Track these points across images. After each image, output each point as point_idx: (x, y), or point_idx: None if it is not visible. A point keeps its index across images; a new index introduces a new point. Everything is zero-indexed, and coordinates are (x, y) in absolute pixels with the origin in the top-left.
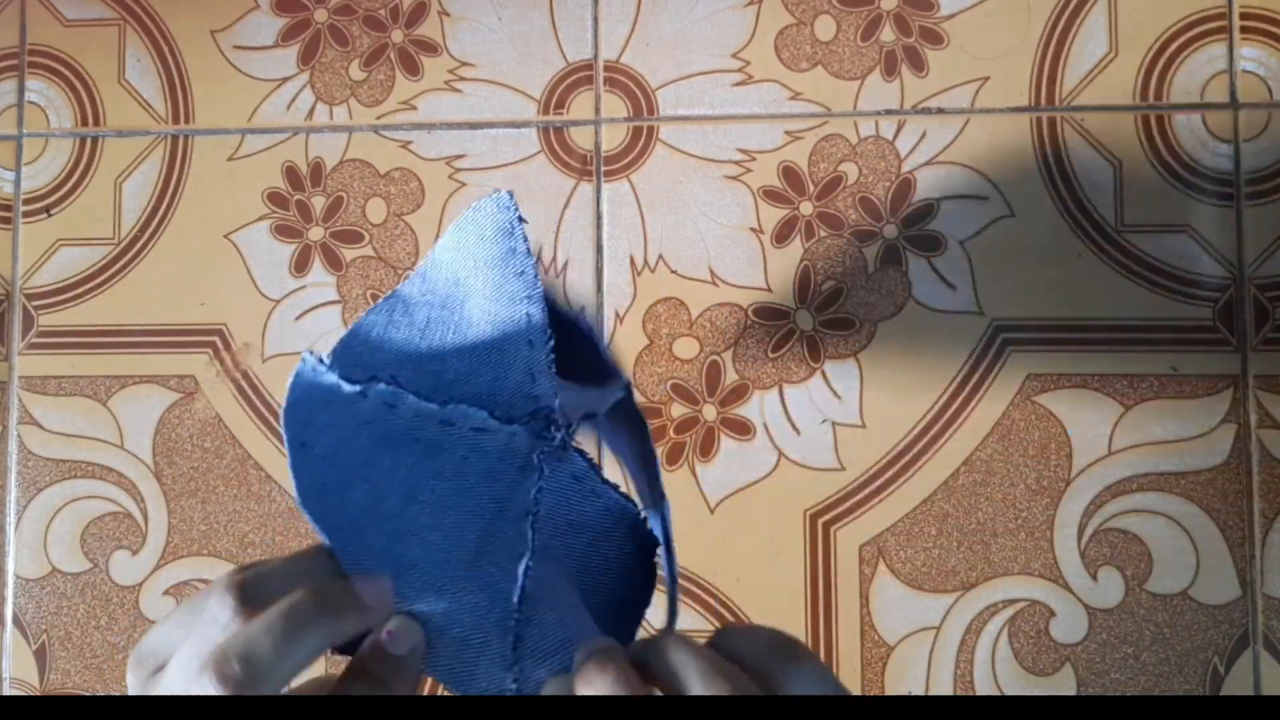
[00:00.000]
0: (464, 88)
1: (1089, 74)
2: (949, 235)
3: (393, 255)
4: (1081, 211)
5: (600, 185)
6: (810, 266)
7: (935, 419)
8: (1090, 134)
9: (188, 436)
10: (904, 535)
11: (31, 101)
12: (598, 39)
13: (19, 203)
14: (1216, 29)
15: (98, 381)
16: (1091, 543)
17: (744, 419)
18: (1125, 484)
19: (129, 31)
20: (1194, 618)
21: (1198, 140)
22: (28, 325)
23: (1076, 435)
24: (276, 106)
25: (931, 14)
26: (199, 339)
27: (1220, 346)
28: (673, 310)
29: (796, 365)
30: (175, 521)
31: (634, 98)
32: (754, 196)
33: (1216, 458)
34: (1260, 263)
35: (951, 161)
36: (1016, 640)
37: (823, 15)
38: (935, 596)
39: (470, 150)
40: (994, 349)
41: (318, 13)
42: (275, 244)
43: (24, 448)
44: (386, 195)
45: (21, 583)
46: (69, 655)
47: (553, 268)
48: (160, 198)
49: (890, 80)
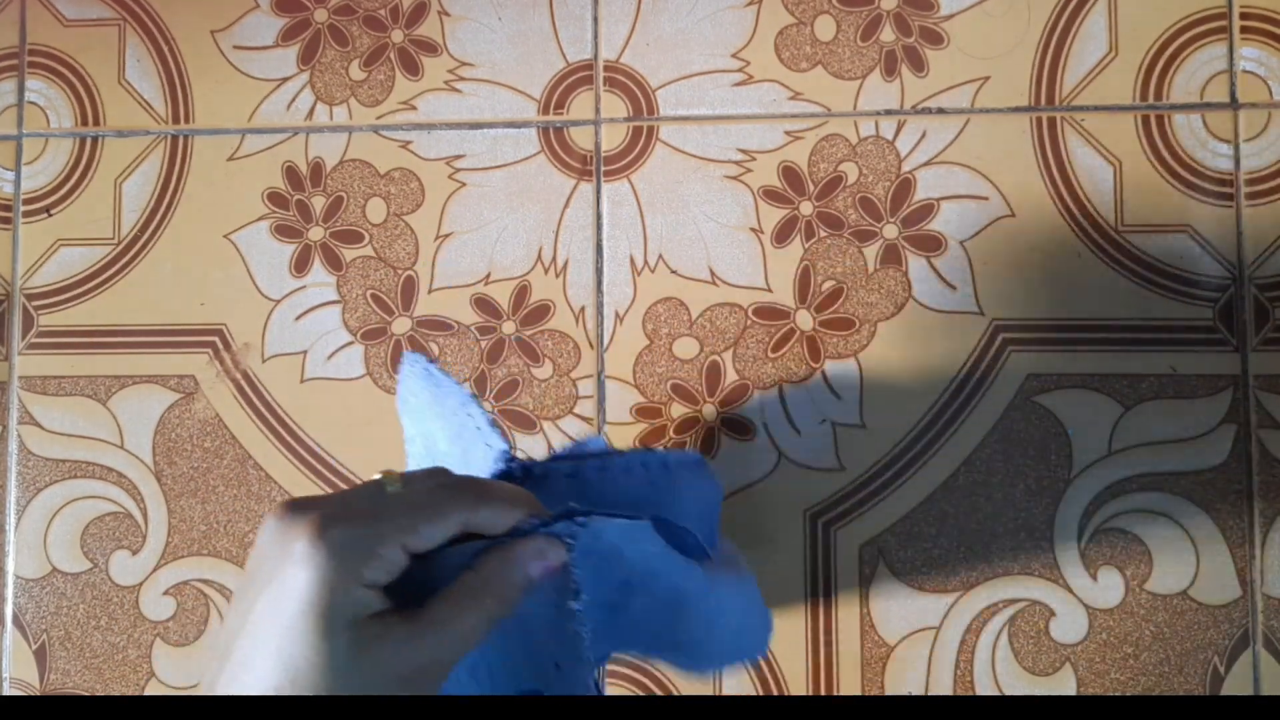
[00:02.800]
0: (464, 88)
1: (1089, 74)
2: (949, 235)
3: (393, 255)
4: (1081, 211)
5: (600, 185)
6: (810, 266)
7: (935, 419)
8: (1090, 134)
9: (188, 436)
10: (904, 535)
11: (31, 101)
12: (598, 39)
13: (19, 203)
14: (1216, 29)
15: (98, 381)
16: (1091, 543)
17: (744, 419)
18: (1125, 484)
19: (129, 31)
20: (1194, 618)
21: (1198, 140)
22: (28, 325)
23: (1076, 435)
24: (276, 106)
25: (931, 14)
26: (199, 339)
27: (1220, 346)
28: (673, 310)
29: (796, 365)
30: (175, 521)
31: (634, 98)
32: (754, 196)
33: (1216, 458)
34: (1260, 263)
35: (951, 161)
36: (1016, 640)
37: (823, 15)
38: (935, 596)
39: (470, 150)
40: (994, 349)
41: (318, 13)
42: (275, 244)
43: (24, 448)
44: (386, 195)
45: (21, 583)
46: (69, 655)
47: (553, 268)
48: (160, 198)
49: (890, 80)
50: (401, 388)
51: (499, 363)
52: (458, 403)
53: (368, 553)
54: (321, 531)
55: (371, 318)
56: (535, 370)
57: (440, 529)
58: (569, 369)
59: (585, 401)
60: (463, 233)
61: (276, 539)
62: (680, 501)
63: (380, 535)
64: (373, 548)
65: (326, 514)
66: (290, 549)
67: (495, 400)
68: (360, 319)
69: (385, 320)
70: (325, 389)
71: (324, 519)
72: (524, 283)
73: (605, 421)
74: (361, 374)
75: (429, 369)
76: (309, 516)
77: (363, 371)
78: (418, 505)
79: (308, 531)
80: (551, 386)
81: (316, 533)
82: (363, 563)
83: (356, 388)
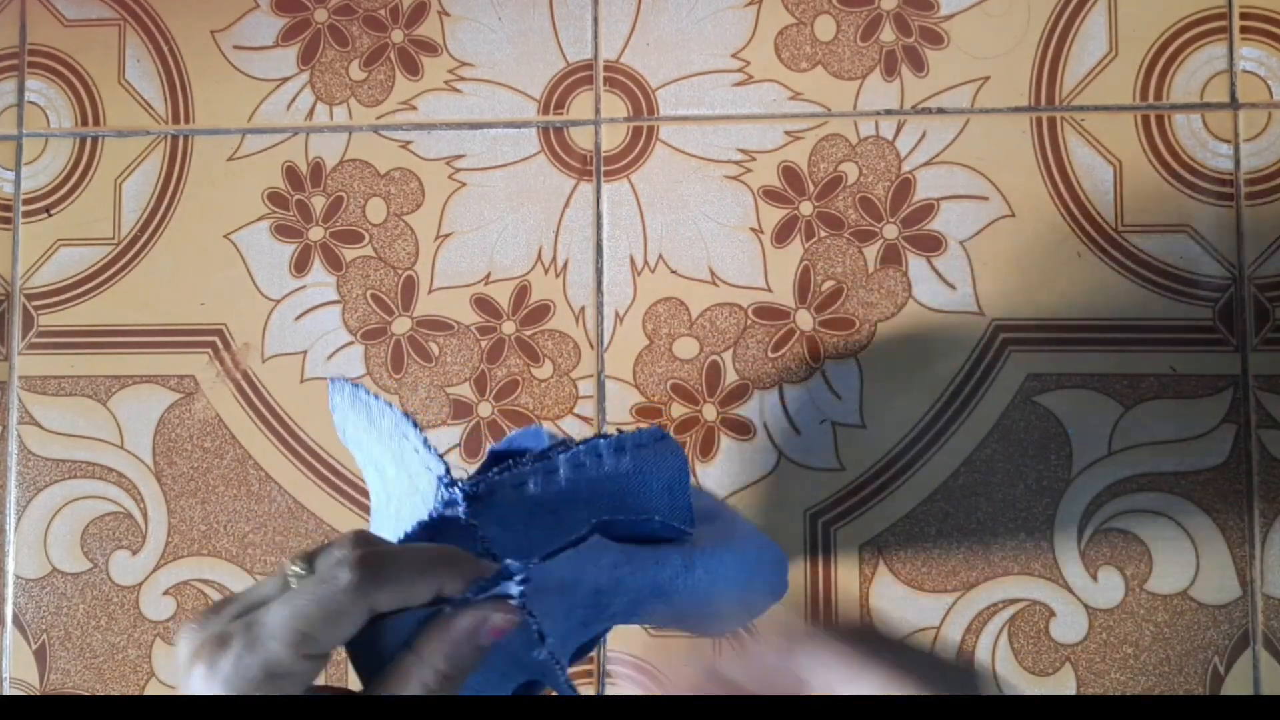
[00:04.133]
0: (464, 88)
1: (1089, 74)
2: (949, 235)
3: (392, 255)
4: (1081, 211)
5: (600, 185)
6: (810, 266)
7: (935, 419)
8: (1090, 134)
9: (188, 436)
10: (904, 535)
11: (31, 101)
12: (598, 39)
13: (19, 203)
14: (1217, 29)
15: (98, 381)
16: (1091, 543)
17: (744, 419)
18: (1125, 484)
19: (129, 31)
20: (1194, 618)
21: (1198, 140)
22: (28, 325)
23: (1076, 435)
24: (276, 106)
25: (931, 14)
26: (199, 339)
27: (1220, 346)
28: (673, 310)
29: (796, 365)
30: (175, 521)
31: (634, 98)
32: (754, 196)
33: (1216, 458)
34: (1260, 263)
35: (951, 161)
36: (1016, 640)
37: (823, 15)
38: (935, 596)
39: (470, 150)
40: (994, 349)
41: (318, 13)
42: (275, 244)
43: (24, 448)
44: (386, 195)
45: (21, 583)
46: (69, 655)
47: (552, 268)
48: (160, 198)
49: (890, 80)
50: (336, 417)
51: (499, 363)
52: (392, 424)
53: (265, 677)
54: (212, 663)
55: (371, 318)
56: (535, 370)
57: (341, 629)
58: (569, 369)
59: (585, 401)
60: (463, 233)
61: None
62: (643, 482)
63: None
64: (270, 673)
65: (218, 636)
66: (190, 683)
67: (495, 400)
68: (360, 319)
69: (385, 320)
70: (325, 389)
71: (214, 644)
72: (524, 283)
73: (605, 421)
74: (361, 374)
75: (355, 393)
76: (202, 641)
77: (363, 371)
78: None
79: (201, 663)
80: (551, 386)
81: (208, 665)
82: (266, 689)
83: None
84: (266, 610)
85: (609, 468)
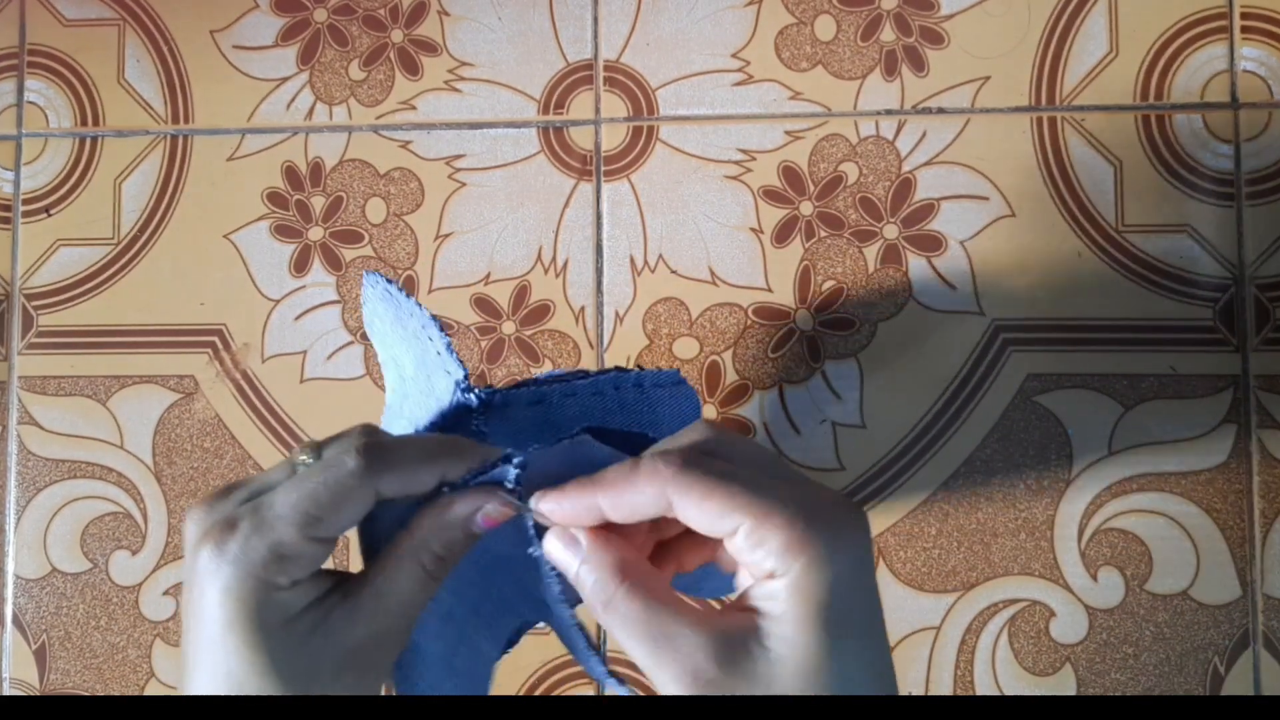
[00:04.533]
0: (464, 88)
1: (1089, 74)
2: (949, 235)
3: (393, 255)
4: (1082, 211)
5: (600, 185)
6: (810, 266)
7: (935, 419)
8: (1090, 134)
9: (188, 436)
10: (904, 535)
11: (31, 101)
12: (598, 39)
13: (19, 203)
14: (1217, 29)
15: (98, 381)
16: (1091, 543)
17: (744, 419)
18: (1125, 484)
19: (129, 31)
20: (1194, 618)
21: (1198, 140)
22: (27, 325)
23: (1076, 435)
24: (276, 106)
25: (931, 14)
26: (199, 339)
27: (1220, 346)
28: (673, 310)
29: (796, 365)
30: (175, 521)
31: (634, 97)
32: (754, 196)
33: (1216, 458)
34: (1260, 263)
35: (951, 161)
36: (1016, 640)
37: (823, 15)
38: (935, 596)
39: (470, 150)
40: (994, 349)
41: (317, 13)
42: (275, 244)
43: (24, 448)
44: (386, 195)
45: (21, 583)
46: (69, 655)
47: (552, 268)
48: (160, 198)
49: (890, 80)
50: (365, 309)
51: (499, 363)
52: (418, 325)
53: (272, 559)
54: (220, 545)
55: None
56: (535, 370)
57: (347, 513)
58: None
59: None
60: (463, 233)
61: (190, 545)
62: (658, 422)
63: (278, 539)
64: (277, 552)
65: (226, 519)
66: (198, 564)
67: None
68: (360, 319)
69: None
70: (325, 389)
71: (222, 527)
72: (524, 283)
73: None
74: (361, 374)
75: (389, 289)
76: (211, 523)
77: (363, 371)
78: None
79: (209, 544)
80: None
81: (215, 546)
82: (273, 570)
83: (356, 388)
84: (274, 493)
85: (629, 400)
